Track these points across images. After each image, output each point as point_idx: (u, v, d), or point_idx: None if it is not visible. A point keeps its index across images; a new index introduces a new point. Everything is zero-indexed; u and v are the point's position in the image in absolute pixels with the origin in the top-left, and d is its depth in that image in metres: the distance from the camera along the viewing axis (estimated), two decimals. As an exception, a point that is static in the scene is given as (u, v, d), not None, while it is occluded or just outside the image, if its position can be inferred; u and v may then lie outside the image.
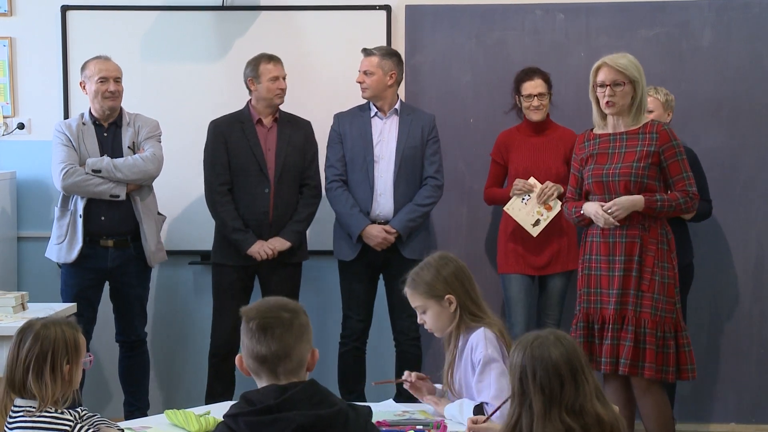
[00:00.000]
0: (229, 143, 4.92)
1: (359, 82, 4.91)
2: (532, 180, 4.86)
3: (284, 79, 4.94)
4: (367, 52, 4.93)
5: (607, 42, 5.34)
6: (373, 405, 3.29)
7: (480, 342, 3.12)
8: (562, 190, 4.84)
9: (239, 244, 4.87)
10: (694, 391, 5.37)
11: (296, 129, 4.97)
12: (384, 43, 5.24)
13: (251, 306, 2.41)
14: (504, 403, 2.83)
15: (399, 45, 5.36)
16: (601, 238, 4.24)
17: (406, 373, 3.40)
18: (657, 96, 4.90)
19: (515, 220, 4.89)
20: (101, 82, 4.82)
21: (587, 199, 4.35)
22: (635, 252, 4.17)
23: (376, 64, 4.90)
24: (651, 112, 4.90)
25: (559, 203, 4.84)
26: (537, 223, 4.86)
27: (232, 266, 4.93)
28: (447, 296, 3.17)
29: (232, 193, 4.92)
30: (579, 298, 4.31)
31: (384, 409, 3.30)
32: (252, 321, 2.35)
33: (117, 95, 4.84)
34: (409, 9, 5.40)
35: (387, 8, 5.38)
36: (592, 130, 4.36)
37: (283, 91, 4.93)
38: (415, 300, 3.24)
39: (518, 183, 4.87)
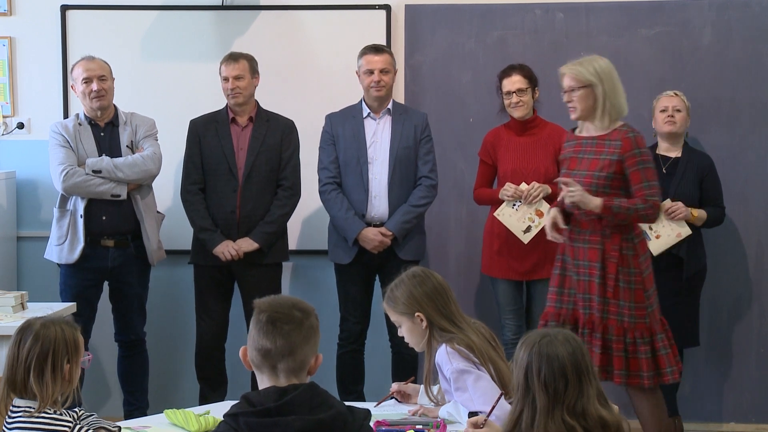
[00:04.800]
0: (203, 142, 4.94)
1: (377, 81, 4.84)
2: (523, 186, 4.79)
3: (238, 78, 4.85)
4: (377, 50, 4.89)
5: (607, 41, 5.34)
6: (373, 406, 3.33)
7: (443, 360, 3.15)
8: (550, 191, 4.79)
9: (206, 244, 4.88)
10: (694, 390, 5.36)
11: (273, 128, 4.94)
12: (384, 43, 5.24)
13: (265, 299, 2.41)
14: (498, 401, 2.84)
15: (399, 45, 5.36)
16: (569, 241, 4.24)
17: (393, 386, 3.46)
18: (683, 98, 4.95)
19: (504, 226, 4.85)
20: (85, 83, 4.81)
21: None
22: (596, 258, 4.14)
23: (389, 62, 4.89)
24: (679, 111, 4.91)
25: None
26: (528, 230, 4.80)
27: (208, 266, 4.94)
28: (417, 314, 3.21)
29: (204, 193, 4.93)
30: (550, 296, 4.29)
31: (385, 411, 3.30)
32: (263, 313, 2.35)
33: (103, 93, 4.81)
34: (409, 8, 5.40)
35: (387, 8, 5.38)
36: (574, 129, 4.35)
37: (235, 91, 4.86)
38: (391, 315, 3.30)
39: (509, 189, 4.80)
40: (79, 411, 2.89)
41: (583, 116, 4.20)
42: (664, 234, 4.82)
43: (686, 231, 4.81)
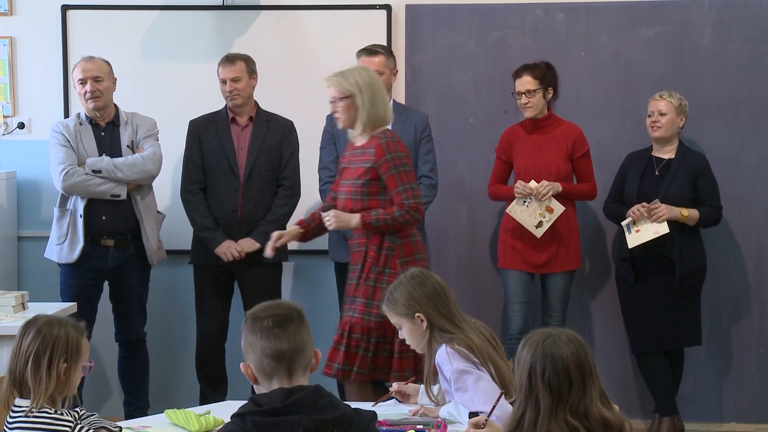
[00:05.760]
0: (203, 142, 4.95)
1: None
2: (532, 183, 4.84)
3: (236, 80, 4.85)
4: (370, 52, 4.89)
5: (607, 41, 5.34)
6: (371, 405, 3.33)
7: (443, 360, 3.15)
8: (560, 188, 4.84)
9: (207, 243, 4.89)
10: (695, 390, 5.37)
11: (273, 128, 4.95)
12: (384, 43, 5.24)
13: (256, 308, 2.41)
14: (498, 400, 2.84)
15: (399, 44, 5.37)
16: (349, 248, 4.28)
17: (393, 385, 3.47)
18: (670, 100, 4.92)
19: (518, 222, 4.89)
20: (80, 83, 4.82)
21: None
22: (359, 261, 4.21)
23: (384, 64, 4.88)
24: (664, 115, 4.91)
25: (561, 206, 4.83)
26: (540, 225, 4.85)
27: (208, 266, 4.94)
28: (417, 315, 3.21)
29: (205, 192, 4.94)
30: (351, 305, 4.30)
31: (386, 411, 3.30)
32: (265, 319, 2.34)
33: (98, 95, 4.81)
34: (410, 8, 5.40)
35: (387, 8, 5.38)
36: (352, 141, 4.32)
37: (233, 93, 4.87)
38: (391, 318, 3.30)
39: (519, 186, 4.85)
40: (80, 411, 2.89)
41: (348, 125, 4.23)
42: (643, 230, 4.85)
43: (664, 229, 4.82)
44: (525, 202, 4.85)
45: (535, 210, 4.84)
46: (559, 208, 4.83)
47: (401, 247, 4.21)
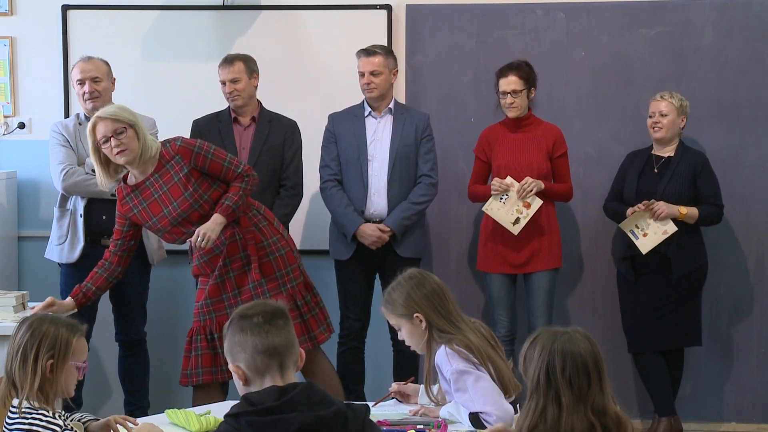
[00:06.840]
0: None
1: (367, 83, 4.88)
2: (508, 179, 4.84)
3: (234, 81, 4.86)
4: (368, 52, 4.90)
5: (608, 41, 5.35)
6: (371, 405, 3.33)
7: (443, 361, 3.16)
8: (543, 186, 4.84)
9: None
10: (695, 390, 5.37)
11: (276, 128, 4.95)
12: (384, 43, 5.24)
13: (241, 308, 2.44)
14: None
15: (399, 44, 5.37)
16: (206, 257, 4.23)
17: (392, 386, 3.48)
18: (671, 100, 4.92)
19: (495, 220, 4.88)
20: (79, 84, 4.82)
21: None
22: (237, 250, 4.20)
23: (382, 64, 4.88)
24: (665, 116, 4.91)
25: (539, 200, 4.82)
26: (517, 221, 4.84)
27: None
28: (416, 315, 3.22)
29: None
30: (195, 310, 4.28)
31: (386, 411, 3.30)
32: (256, 316, 2.36)
33: (96, 95, 4.81)
34: (410, 8, 5.40)
35: (388, 8, 5.39)
36: (127, 183, 4.19)
37: (233, 94, 4.88)
38: (390, 318, 3.31)
39: (495, 183, 4.86)
40: (63, 414, 2.90)
41: (134, 158, 4.07)
42: (650, 232, 4.84)
43: (672, 228, 4.82)
44: (502, 198, 4.84)
45: (512, 206, 4.83)
46: (537, 203, 4.82)
47: (266, 214, 4.33)
